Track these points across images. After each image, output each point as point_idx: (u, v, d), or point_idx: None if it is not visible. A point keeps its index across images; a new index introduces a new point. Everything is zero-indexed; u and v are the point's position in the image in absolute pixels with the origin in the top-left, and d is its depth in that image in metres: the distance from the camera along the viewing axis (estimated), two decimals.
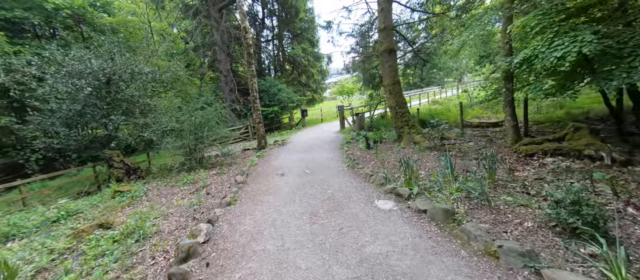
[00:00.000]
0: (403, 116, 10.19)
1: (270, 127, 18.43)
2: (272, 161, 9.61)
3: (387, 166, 7.26)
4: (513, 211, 4.00)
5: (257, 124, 11.87)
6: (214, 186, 7.78)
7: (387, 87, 10.48)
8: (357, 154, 8.93)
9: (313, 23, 20.03)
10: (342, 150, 10.00)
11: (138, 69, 10.99)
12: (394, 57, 10.43)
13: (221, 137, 11.48)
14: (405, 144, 9.47)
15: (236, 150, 13.37)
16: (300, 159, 9.38)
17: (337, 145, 11.00)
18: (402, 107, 10.31)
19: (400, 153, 8.59)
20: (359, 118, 13.28)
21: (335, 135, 13.95)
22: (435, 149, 8.35)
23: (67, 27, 16.51)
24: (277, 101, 17.51)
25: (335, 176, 7.01)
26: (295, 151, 10.84)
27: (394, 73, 10.39)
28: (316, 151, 10.34)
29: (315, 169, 7.86)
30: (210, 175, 9.26)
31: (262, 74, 21.06)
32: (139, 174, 10.49)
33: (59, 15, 15.85)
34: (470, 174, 5.75)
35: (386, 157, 8.21)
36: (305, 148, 11.18)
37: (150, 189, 8.74)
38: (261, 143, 12.00)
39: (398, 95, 10.37)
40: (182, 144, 10.38)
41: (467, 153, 7.55)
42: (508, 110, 7.39)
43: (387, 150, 9.12)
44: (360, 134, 11.74)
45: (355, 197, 5.29)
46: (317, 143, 12.03)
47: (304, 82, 21.21)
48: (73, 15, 15.71)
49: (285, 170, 8.11)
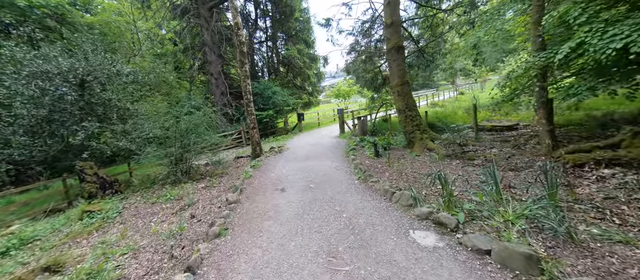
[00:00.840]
0: (413, 120, 9.06)
1: (264, 132, 17.10)
2: (269, 172, 8.32)
3: (407, 179, 6.07)
4: (611, 251, 2.85)
5: (251, 130, 10.59)
6: (201, 204, 6.45)
7: (395, 88, 9.35)
8: (366, 163, 7.73)
9: (308, 23, 18.90)
10: (347, 158, 8.78)
11: (116, 69, 9.57)
12: (402, 55, 9.31)
13: (211, 144, 10.14)
14: (418, 150, 8.32)
15: (228, 158, 12.03)
16: (302, 169, 8.12)
17: (340, 152, 9.78)
18: (412, 109, 9.18)
19: (415, 162, 7.42)
20: (361, 122, 12.11)
21: (335, 140, 12.74)
22: (455, 157, 7.22)
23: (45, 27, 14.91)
24: (271, 105, 16.23)
25: (347, 192, 5.78)
26: (294, 159, 9.57)
27: (403, 72, 9.27)
28: (318, 159, 9.09)
29: (321, 182, 6.61)
30: (198, 189, 7.92)
31: (256, 76, 19.75)
32: (117, 188, 9.04)
33: (35, 14, 14.27)
34: (516, 190, 4.61)
35: (401, 167, 7.03)
36: (306, 156, 9.93)
37: (127, 207, 7.35)
38: (256, 151, 10.70)
39: (407, 96, 9.24)
40: (167, 153, 9.01)
41: (494, 162, 6.43)
42: (542, 112, 6.31)
43: (400, 159, 7.95)
44: (364, 140, 10.56)
45: (381, 224, 4.07)
46: (318, 150, 10.80)
47: (299, 84, 20.00)
48: (52, 14, 14.17)
49: (285, 184, 6.84)
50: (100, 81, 9.31)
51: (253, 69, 20.49)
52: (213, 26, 16.71)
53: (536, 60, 5.85)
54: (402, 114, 9.23)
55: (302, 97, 18.92)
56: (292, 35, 18.43)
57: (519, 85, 8.53)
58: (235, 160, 11.81)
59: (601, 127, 8.58)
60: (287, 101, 16.58)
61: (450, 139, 7.58)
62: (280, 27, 19.41)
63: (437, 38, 11.17)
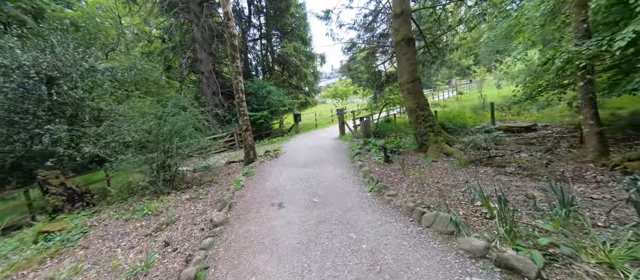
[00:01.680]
0: (426, 120, 7.97)
1: (258, 134, 15.88)
2: (264, 181, 7.13)
3: (431, 192, 4.95)
4: None
5: (244, 132, 9.38)
6: (182, 224, 5.23)
7: (405, 85, 8.25)
8: (376, 171, 6.60)
9: (305, 19, 17.74)
10: (353, 163, 7.64)
11: (88, 64, 8.26)
12: (413, 48, 8.22)
13: (199, 148, 8.90)
14: (433, 155, 7.23)
15: (219, 163, 10.79)
16: (302, 177, 6.95)
17: (344, 157, 8.64)
18: (425, 109, 8.09)
19: (434, 169, 6.32)
20: (364, 123, 10.99)
21: (335, 142, 11.59)
22: (480, 163, 6.14)
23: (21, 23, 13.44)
24: (266, 105, 15.01)
25: (360, 208, 4.63)
26: (292, 165, 8.39)
27: (414, 68, 8.18)
28: (320, 165, 7.93)
29: (326, 195, 5.45)
30: (182, 202, 6.71)
31: (249, 75, 18.49)
32: (88, 201, 7.75)
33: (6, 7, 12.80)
34: (581, 209, 3.52)
35: (419, 175, 5.91)
36: (305, 161, 8.76)
37: (95, 225, 6.09)
38: (249, 155, 9.49)
39: (419, 94, 8.15)
40: (147, 160, 7.76)
41: (532, 170, 5.36)
42: (588, 110, 5.26)
43: (414, 165, 6.84)
44: (369, 143, 9.44)
45: (420, 265, 2.92)
46: (318, 153, 9.63)
47: (295, 84, 18.81)
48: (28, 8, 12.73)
49: (283, 197, 5.66)
50: (72, 78, 8.00)
51: (247, 67, 19.23)
52: (203, 22, 15.41)
53: (583, 49, 4.79)
54: (413, 114, 8.13)
55: (298, 97, 17.74)
56: (288, 32, 17.25)
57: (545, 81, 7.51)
58: (226, 165, 10.59)
59: (632, 127, 7.64)
60: (282, 101, 15.38)
61: (469, 142, 6.49)
62: (275, 24, 18.19)
63: (447, 31, 10.12)
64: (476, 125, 10.81)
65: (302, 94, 18.22)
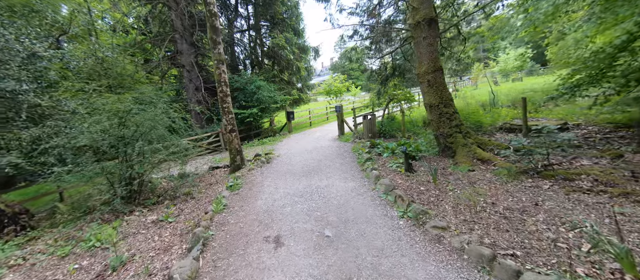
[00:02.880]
0: (452, 119, 6.44)
1: (247, 134, 14.07)
2: (253, 198, 5.42)
3: (496, 222, 3.40)
4: None
5: (229, 134, 7.63)
6: (134, 272, 3.50)
7: (425, 76, 6.70)
8: (399, 183, 5.02)
9: (297, 8, 15.98)
10: (365, 172, 6.05)
11: (24, 47, 6.29)
12: (435, 31, 6.66)
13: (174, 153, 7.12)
14: (465, 162, 5.72)
15: (201, 169, 9.01)
16: (303, 192, 5.29)
17: (350, 162, 7.03)
18: (449, 105, 6.57)
19: (477, 182, 4.79)
20: (369, 122, 9.42)
21: (336, 144, 9.97)
22: (537, 173, 4.65)
23: None
24: (255, 102, 13.21)
25: (399, 253, 3.03)
26: (289, 174, 6.71)
27: (435, 55, 6.63)
28: (323, 174, 6.29)
29: (342, 226, 3.82)
30: (144, 227, 4.98)
31: (236, 69, 16.58)
32: (24, 223, 5.87)
33: None
34: None
35: (463, 192, 4.36)
36: (304, 167, 7.10)
37: (19, 266, 4.28)
38: (236, 161, 7.74)
39: (442, 88, 6.62)
40: (102, 170, 5.97)
41: (618, 184, 3.90)
42: None
43: (445, 175, 5.30)
44: (379, 146, 7.86)
45: None
46: (318, 158, 7.99)
47: (286, 79, 17.06)
48: None
49: (281, 227, 4.00)
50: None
51: (233, 61, 17.30)
52: (182, 8, 13.42)
53: None
54: (435, 111, 6.59)
55: (291, 93, 15.98)
56: (278, 22, 15.47)
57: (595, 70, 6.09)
58: (209, 171, 8.82)
59: None
60: (274, 97, 13.61)
61: (522, 146, 5.00)
62: (265, 14, 16.32)
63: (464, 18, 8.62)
64: (496, 124, 9.52)
65: (294, 90, 16.50)
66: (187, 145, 9.11)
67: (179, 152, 7.30)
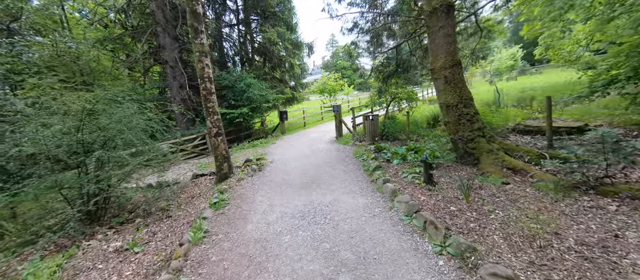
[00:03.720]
0: (473, 121, 5.52)
1: (237, 135, 12.88)
2: (243, 221, 4.34)
3: (576, 267, 2.46)
4: None
5: (214, 137, 6.49)
6: None
7: (441, 72, 5.75)
8: (422, 201, 4.04)
9: (289, 2, 14.85)
10: (375, 184, 5.05)
11: None
12: (453, 20, 5.71)
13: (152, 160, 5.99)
14: (494, 172, 4.80)
15: (184, 177, 7.87)
16: (304, 213, 4.24)
17: (356, 171, 6.02)
18: (469, 105, 5.64)
19: (519, 199, 3.85)
20: (372, 123, 8.43)
21: (335, 147, 8.95)
22: (592, 189, 3.75)
23: None
24: (246, 100, 12.03)
25: None
26: (286, 186, 5.64)
27: (453, 47, 5.69)
28: (326, 187, 5.26)
29: (362, 267, 2.80)
30: (104, 258, 3.89)
31: (225, 66, 15.31)
32: None
33: None
34: None
35: (511, 214, 3.42)
36: (302, 177, 6.04)
37: None
38: (222, 169, 6.60)
39: (461, 85, 5.69)
40: (55, 184, 4.82)
41: None
42: None
43: (473, 188, 4.36)
44: (385, 150, 6.89)
45: None
46: (317, 164, 6.95)
47: (279, 77, 15.92)
48: None
49: (278, 269, 2.94)
50: None
51: (222, 57, 16.04)
52: None
53: None
54: (453, 112, 5.66)
55: (284, 92, 14.83)
56: (269, 16, 14.30)
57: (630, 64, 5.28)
58: (193, 180, 7.67)
59: None
60: (265, 96, 12.46)
61: (575, 155, 4.10)
62: (255, 7, 15.09)
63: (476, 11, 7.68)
64: (507, 125, 8.72)
65: (287, 88, 15.37)
66: (167, 150, 7.93)
67: (155, 158, 6.15)
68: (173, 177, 8.78)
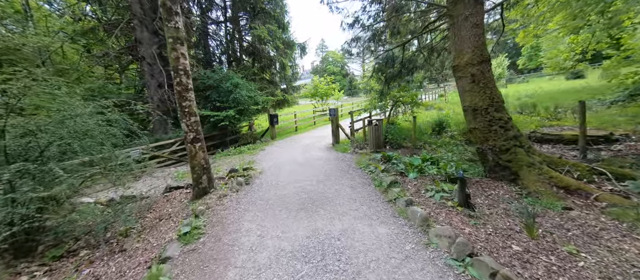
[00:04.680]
0: (507, 128, 4.53)
1: (222, 140, 11.49)
2: (222, 267, 3.08)
3: None
4: None
5: (192, 144, 5.18)
6: None
7: (467, 69, 4.75)
8: (465, 233, 2.95)
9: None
10: (394, 206, 3.92)
11: None
12: (481, 9, 4.73)
13: (110, 172, 4.67)
14: (543, 192, 3.78)
15: (154, 192, 6.51)
16: (308, 250, 3.04)
17: (362, 184, 4.88)
18: (501, 110, 4.65)
19: (598, 233, 2.83)
20: (376, 129, 7.35)
21: (332, 155, 7.80)
22: None
23: None
24: (232, 102, 10.70)
25: None
26: (280, 206, 4.41)
27: (482, 40, 4.71)
28: (332, 208, 4.08)
29: None
30: None
31: (210, 65, 13.89)
32: None
33: None
34: None
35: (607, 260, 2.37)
36: (300, 194, 4.83)
37: None
38: (201, 182, 5.30)
39: (491, 85, 4.70)
40: None
41: None
42: None
43: (523, 214, 3.31)
44: (397, 160, 5.80)
45: None
46: (316, 176, 5.76)
47: (268, 78, 14.67)
48: None
49: None
50: None
51: (207, 55, 14.65)
52: None
53: None
54: (482, 117, 4.65)
55: (275, 94, 13.57)
56: (260, 12, 13.09)
57: None
58: (165, 194, 6.32)
59: None
60: (254, 98, 11.18)
61: None
62: (244, 3, 13.83)
63: None
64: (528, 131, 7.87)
65: (278, 90, 14.14)
66: (138, 157, 6.61)
67: (113, 170, 4.81)
68: (144, 189, 7.37)
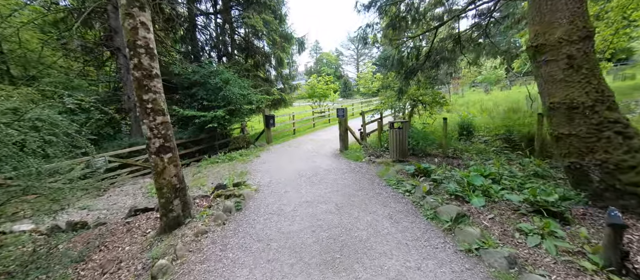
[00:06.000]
0: (627, 135, 3.00)
1: (210, 144, 9.66)
2: None
3: None
4: None
5: (157, 156, 3.47)
6: None
7: (558, 49, 3.20)
8: None
9: None
10: (480, 261, 2.32)
11: None
12: None
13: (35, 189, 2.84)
14: None
15: (116, 214, 4.73)
16: None
17: (407, 215, 3.27)
18: (614, 107, 3.12)
19: None
20: (400, 133, 5.75)
21: (344, 165, 6.16)
22: None
23: None
24: (221, 101, 8.93)
25: None
26: (288, 258, 2.71)
27: (583, 8, 3.17)
28: (374, 266, 2.44)
29: None
30: None
31: (198, 60, 12.03)
32: None
33: None
34: None
35: None
36: (317, 232, 3.16)
37: None
38: (171, 210, 3.58)
39: (596, 72, 3.16)
40: None
41: None
42: None
43: None
44: (451, 181, 4.19)
45: None
46: (334, 198, 4.10)
47: (263, 76, 12.95)
48: None
49: None
50: None
51: (195, 49, 12.80)
52: None
53: None
54: (581, 117, 3.11)
55: (271, 92, 11.81)
56: (253, 2, 11.40)
57: None
58: (127, 219, 4.55)
59: None
60: (248, 96, 9.43)
61: None
62: None
63: None
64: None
65: (274, 89, 12.42)
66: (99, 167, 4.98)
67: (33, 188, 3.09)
68: (106, 208, 5.56)
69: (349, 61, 49.89)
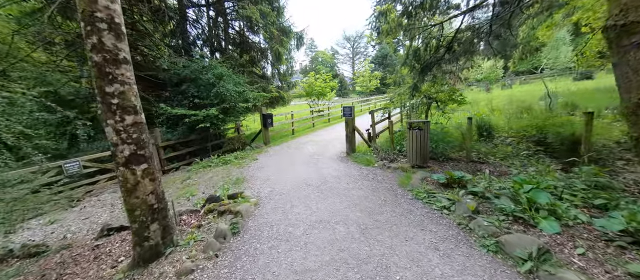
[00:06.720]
0: None
1: (202, 146, 8.70)
2: None
3: None
4: None
5: (126, 167, 2.59)
6: None
7: None
8: None
9: None
10: None
11: None
12: None
13: None
14: None
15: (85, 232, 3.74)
16: None
17: (457, 245, 2.46)
18: None
19: None
20: (421, 135, 4.95)
21: (355, 170, 5.34)
22: None
23: None
24: (215, 98, 7.99)
25: None
26: None
27: None
28: None
29: None
30: None
31: (189, 55, 11.00)
32: None
33: None
34: None
35: None
36: (344, 273, 2.34)
37: None
38: (147, 237, 2.70)
39: None
40: None
41: None
42: None
43: None
44: (504, 199, 3.40)
45: None
46: (354, 217, 3.28)
47: (259, 73, 12.01)
48: None
49: None
50: None
51: (185, 42, 11.75)
52: None
53: None
54: None
55: (269, 89, 10.88)
56: None
57: None
58: (97, 241, 3.60)
59: None
60: (243, 94, 8.51)
61: None
62: None
63: None
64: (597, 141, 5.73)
65: (271, 86, 11.50)
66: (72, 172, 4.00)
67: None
68: (75, 224, 4.62)
69: (344, 60, 49.19)
